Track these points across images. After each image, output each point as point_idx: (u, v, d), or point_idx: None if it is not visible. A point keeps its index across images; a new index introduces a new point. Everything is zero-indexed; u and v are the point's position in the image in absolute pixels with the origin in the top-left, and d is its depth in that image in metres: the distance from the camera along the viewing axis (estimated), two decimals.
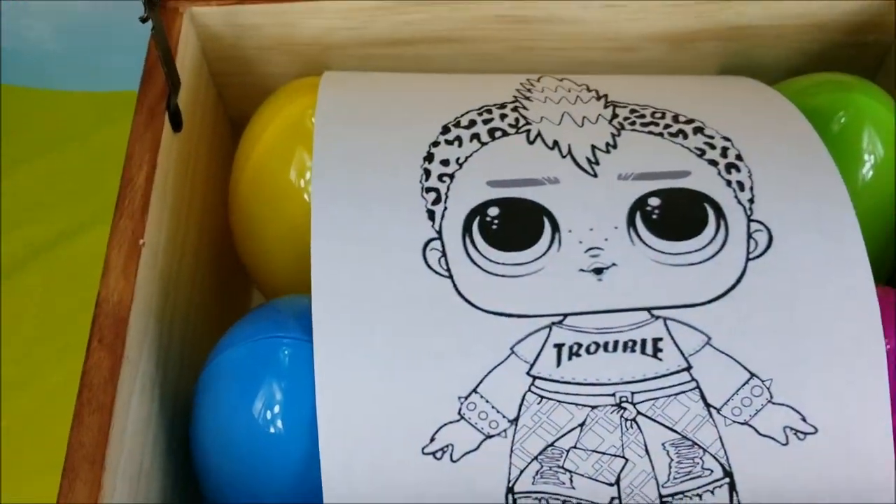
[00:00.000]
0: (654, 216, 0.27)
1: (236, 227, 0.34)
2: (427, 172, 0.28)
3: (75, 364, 0.26)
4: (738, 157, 0.28)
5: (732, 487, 0.25)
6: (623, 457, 0.25)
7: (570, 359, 0.25)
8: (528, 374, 0.25)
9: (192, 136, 0.34)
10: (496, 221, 0.27)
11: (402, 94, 0.31)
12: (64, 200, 0.46)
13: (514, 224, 0.27)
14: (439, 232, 0.27)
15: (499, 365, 0.25)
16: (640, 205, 0.27)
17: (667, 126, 0.29)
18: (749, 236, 0.27)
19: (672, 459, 0.25)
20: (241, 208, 0.33)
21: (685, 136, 0.29)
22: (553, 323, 0.25)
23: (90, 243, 0.43)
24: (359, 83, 0.32)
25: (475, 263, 0.26)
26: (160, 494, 0.27)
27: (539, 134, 0.29)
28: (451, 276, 0.26)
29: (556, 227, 0.27)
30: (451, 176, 0.28)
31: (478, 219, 0.27)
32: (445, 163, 0.28)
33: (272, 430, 0.25)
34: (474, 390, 0.25)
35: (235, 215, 0.34)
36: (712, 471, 0.25)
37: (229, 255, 0.36)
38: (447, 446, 0.25)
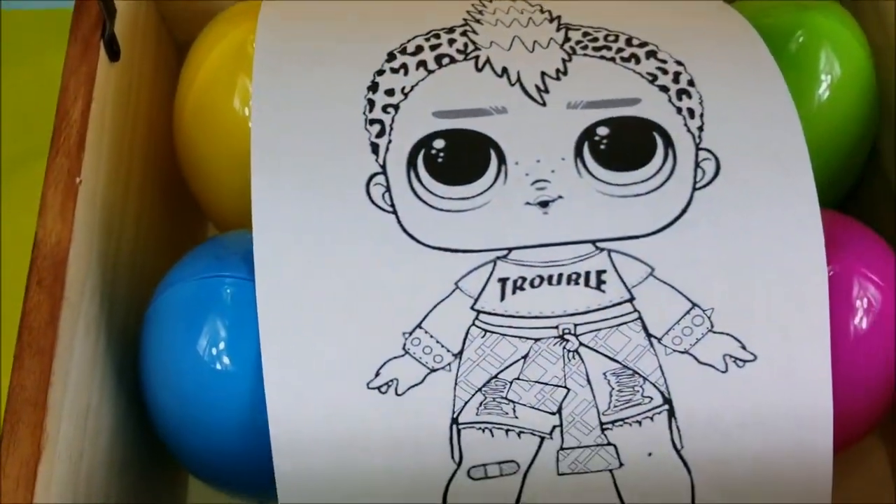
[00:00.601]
0: (602, 146, 0.26)
1: (182, 158, 0.33)
2: (371, 103, 0.27)
3: (15, 304, 0.25)
4: (690, 83, 0.28)
5: (671, 414, 0.25)
6: (565, 387, 0.25)
7: (513, 293, 0.25)
8: (472, 308, 0.25)
9: (133, 65, 0.32)
10: (442, 154, 0.26)
11: (346, 18, 0.30)
12: (7, 130, 0.45)
13: (460, 157, 0.26)
14: (383, 166, 0.26)
15: (443, 300, 0.25)
16: (588, 135, 0.27)
17: (619, 50, 0.29)
18: (697, 165, 0.26)
19: (613, 388, 0.25)
20: (185, 138, 0.32)
21: (637, 61, 0.28)
22: (498, 257, 0.25)
23: (36, 177, 0.42)
24: (300, 8, 0.30)
25: (420, 198, 0.26)
26: (111, 432, 0.28)
27: (488, 60, 0.28)
28: (395, 212, 0.26)
29: (502, 160, 0.26)
30: (396, 107, 0.27)
31: (423, 152, 0.26)
32: (390, 92, 0.27)
33: (217, 368, 0.25)
34: (418, 325, 0.25)
35: (180, 146, 0.33)
36: (652, 398, 0.25)
37: (181, 187, 0.35)
38: (392, 381, 0.25)
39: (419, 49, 0.28)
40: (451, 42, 0.29)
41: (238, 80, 0.31)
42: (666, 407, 0.25)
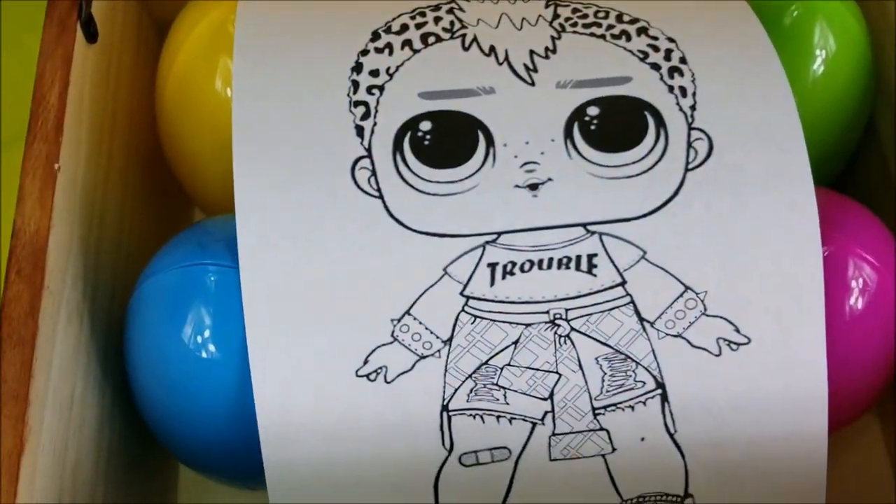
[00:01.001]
0: (593, 127, 0.26)
1: (164, 141, 0.32)
2: (355, 84, 0.26)
3: None
4: (682, 61, 0.27)
5: (664, 398, 0.25)
6: (557, 372, 0.25)
7: (503, 278, 0.25)
8: (461, 294, 0.25)
9: (112, 47, 0.32)
10: (428, 137, 0.26)
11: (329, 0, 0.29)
12: None
13: (448, 139, 0.26)
14: (369, 149, 0.26)
15: (432, 286, 0.25)
16: (578, 115, 0.26)
17: (609, 27, 0.28)
18: (689, 145, 0.26)
19: (605, 373, 0.25)
20: (166, 121, 0.32)
21: (628, 38, 0.28)
22: (487, 242, 0.25)
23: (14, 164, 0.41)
24: None
25: (406, 182, 0.25)
26: (97, 422, 0.27)
27: (475, 39, 0.27)
28: (381, 197, 0.25)
29: (490, 142, 0.26)
30: (381, 88, 0.26)
31: (409, 134, 0.26)
32: (375, 73, 0.27)
33: (203, 357, 0.25)
34: (407, 312, 0.25)
35: (162, 129, 0.32)
36: (644, 383, 0.25)
37: (165, 171, 0.35)
38: (381, 368, 0.24)
39: (404, 28, 0.28)
40: (437, 20, 0.28)
41: (219, 61, 0.30)
42: (659, 391, 0.25)
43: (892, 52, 0.33)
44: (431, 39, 0.27)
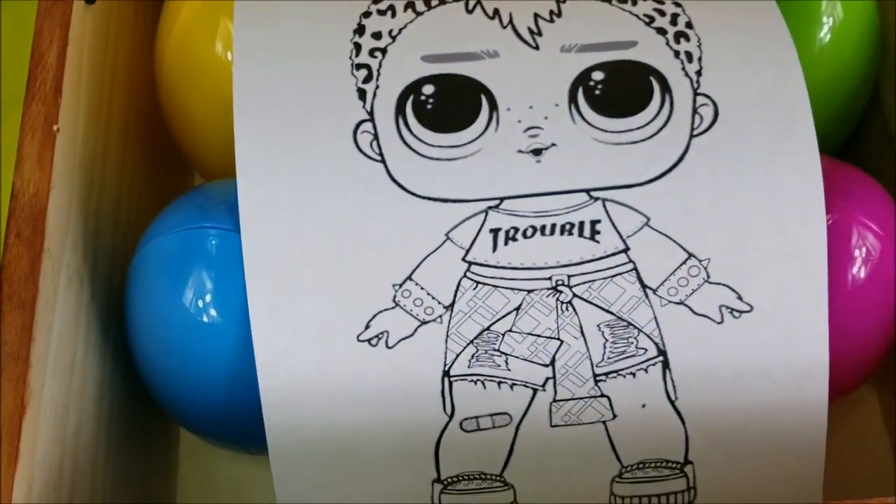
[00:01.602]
0: (597, 92, 0.25)
1: (164, 104, 0.32)
2: (357, 47, 0.26)
3: None
4: (689, 25, 0.27)
5: (666, 365, 0.25)
6: (558, 338, 0.25)
7: (506, 243, 0.25)
8: (463, 259, 0.25)
9: (111, 8, 0.31)
10: (431, 101, 0.25)
11: None
12: None
13: (450, 103, 0.25)
14: (371, 113, 0.25)
15: (434, 251, 0.24)
16: (582, 79, 0.26)
17: None
18: (694, 111, 0.26)
19: (607, 340, 0.25)
20: (166, 84, 0.31)
21: (634, 2, 0.27)
22: (489, 207, 0.25)
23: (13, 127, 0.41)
24: None
25: (409, 146, 0.25)
26: (98, 385, 0.27)
27: (479, 1, 0.27)
28: (383, 161, 0.25)
29: (494, 106, 0.25)
30: (384, 50, 0.26)
31: (412, 98, 0.25)
32: (377, 35, 0.26)
33: (204, 321, 0.25)
34: (409, 277, 0.24)
35: (162, 92, 0.32)
36: (646, 350, 0.25)
37: (165, 134, 0.34)
38: (382, 333, 0.24)
39: None
40: None
41: (220, 23, 0.30)
42: (660, 358, 0.25)
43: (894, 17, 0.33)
44: (434, 2, 0.27)
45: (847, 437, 0.33)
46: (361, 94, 0.25)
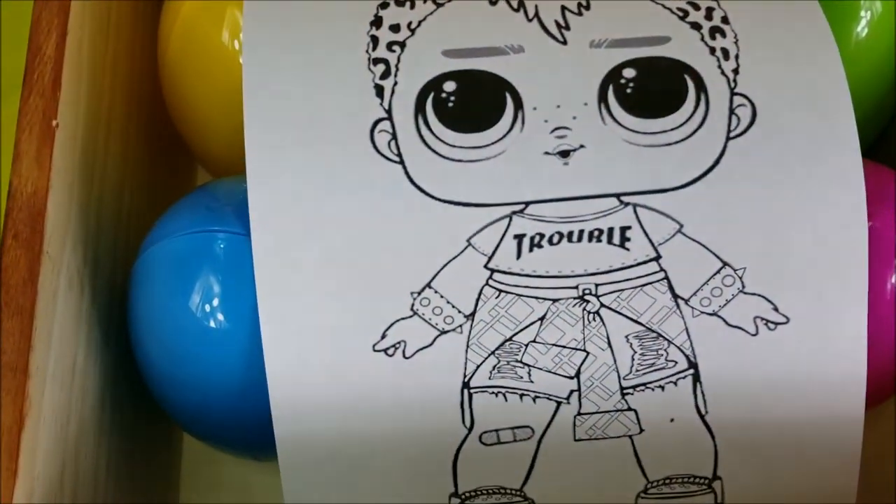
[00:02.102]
0: (629, 90, 0.24)
1: (168, 97, 0.31)
2: (374, 40, 0.25)
3: None
4: (724, 20, 0.25)
5: (696, 378, 0.24)
6: (584, 350, 0.24)
7: (530, 250, 0.23)
8: (485, 267, 0.23)
9: None
10: (452, 98, 0.24)
11: None
12: None
13: (473, 101, 0.24)
14: (389, 111, 0.24)
15: (454, 258, 0.23)
16: (613, 77, 0.24)
17: None
18: (731, 112, 0.24)
19: (635, 352, 0.24)
20: (171, 76, 0.30)
21: None
22: (514, 212, 0.24)
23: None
24: None
25: (429, 147, 0.24)
26: (99, 392, 0.26)
27: None
28: (402, 162, 0.24)
29: (519, 105, 0.24)
30: (402, 44, 0.25)
31: (432, 95, 0.24)
32: (395, 28, 0.25)
33: (212, 327, 0.24)
34: (428, 285, 0.23)
35: (166, 84, 0.31)
36: (676, 362, 0.24)
37: (168, 127, 0.33)
38: (399, 343, 0.23)
39: None
40: None
41: (227, 11, 0.28)
42: (691, 371, 0.24)
43: None
44: None
45: (874, 448, 0.32)
46: (379, 90, 0.24)
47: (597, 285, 0.23)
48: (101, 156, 0.28)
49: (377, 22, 0.25)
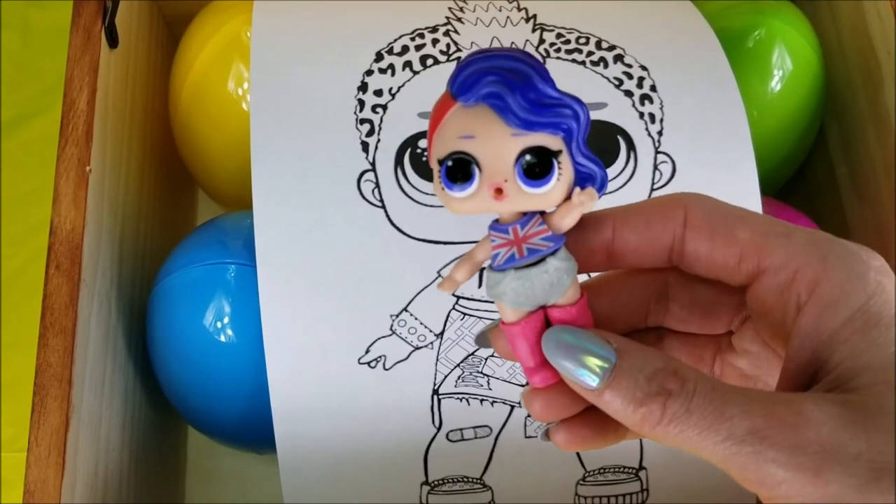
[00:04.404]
0: None
1: (179, 140, 0.35)
2: (361, 103, 0.29)
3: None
4: (653, 89, 0.30)
5: None
6: None
7: None
8: (452, 294, 0.28)
9: (129, 48, 0.34)
10: (426, 154, 0.28)
11: (334, 16, 0.32)
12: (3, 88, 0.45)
13: None
14: (373, 163, 0.28)
15: (427, 287, 0.28)
16: None
17: (590, 53, 0.31)
18: (655, 167, 0.29)
19: None
20: (183, 125, 0.34)
21: (605, 65, 0.30)
22: None
23: (34, 133, 0.43)
24: (291, 7, 0.32)
25: (406, 194, 0.28)
26: (122, 396, 0.30)
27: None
28: (384, 207, 0.28)
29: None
30: (385, 107, 0.29)
31: (409, 150, 0.29)
32: (379, 93, 0.29)
33: (224, 343, 0.28)
34: (404, 309, 0.28)
35: (178, 131, 0.34)
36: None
37: (173, 159, 0.37)
38: (380, 357, 0.28)
39: (405, 49, 0.30)
40: (435, 42, 0.30)
41: (233, 69, 0.32)
42: None
43: (841, 69, 0.37)
44: (430, 62, 0.30)
45: None
46: (365, 146, 0.28)
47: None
48: (122, 191, 0.32)
49: (363, 87, 0.29)
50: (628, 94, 0.30)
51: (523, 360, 0.18)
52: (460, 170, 0.17)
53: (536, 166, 0.17)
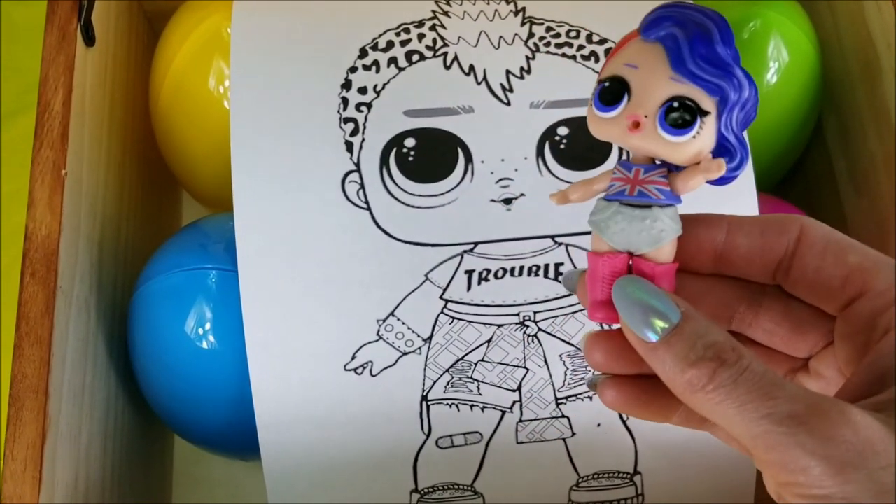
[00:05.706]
0: (562, 146, 0.28)
1: (160, 138, 0.34)
2: (345, 101, 0.28)
3: None
4: None
5: None
6: (525, 367, 0.28)
7: (479, 283, 0.27)
8: (440, 297, 0.27)
9: (108, 46, 0.33)
10: (412, 153, 0.28)
11: (317, 11, 0.31)
12: None
13: (430, 155, 0.28)
14: (357, 164, 0.28)
15: (414, 290, 0.27)
16: (549, 134, 0.28)
17: (580, 48, 0.30)
18: None
19: (567, 368, 0.28)
20: (163, 123, 0.33)
21: (596, 59, 0.30)
22: (465, 251, 0.27)
23: (13, 133, 0.42)
24: (272, 2, 0.31)
25: (392, 195, 0.27)
26: (104, 405, 0.30)
27: (455, 58, 0.29)
28: (369, 208, 0.27)
29: (469, 158, 0.28)
30: (369, 105, 0.28)
31: (395, 150, 0.28)
32: (363, 91, 0.28)
33: (206, 350, 0.27)
34: (391, 313, 0.27)
35: (159, 130, 0.34)
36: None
37: (155, 159, 0.36)
38: (367, 363, 0.27)
39: (390, 45, 0.29)
40: (421, 37, 0.30)
41: (214, 65, 0.32)
42: None
43: (839, 60, 0.36)
44: (415, 58, 0.29)
45: None
46: (349, 146, 0.28)
47: (535, 313, 0.27)
48: (101, 194, 0.31)
49: (347, 85, 0.29)
50: None
51: (591, 292, 0.19)
52: (612, 92, 0.18)
53: (679, 115, 0.17)
